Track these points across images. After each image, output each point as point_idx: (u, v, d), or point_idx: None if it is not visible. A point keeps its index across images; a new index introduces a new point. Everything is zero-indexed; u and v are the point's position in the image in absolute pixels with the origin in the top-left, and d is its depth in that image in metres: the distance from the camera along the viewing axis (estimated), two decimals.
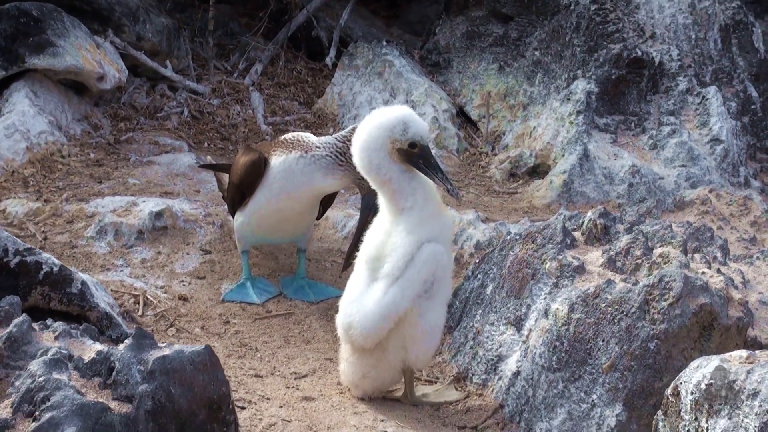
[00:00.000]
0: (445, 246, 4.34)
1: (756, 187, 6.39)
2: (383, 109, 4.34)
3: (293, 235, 5.32)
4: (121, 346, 3.58)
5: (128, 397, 3.47)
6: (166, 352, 3.59)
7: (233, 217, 5.28)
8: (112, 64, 6.81)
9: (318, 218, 5.43)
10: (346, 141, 4.93)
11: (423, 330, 4.32)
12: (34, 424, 3.32)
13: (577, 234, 4.65)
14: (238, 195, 5.18)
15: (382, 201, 4.36)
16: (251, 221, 5.19)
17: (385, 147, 4.25)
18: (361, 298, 4.32)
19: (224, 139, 7.00)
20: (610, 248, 4.46)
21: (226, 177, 5.60)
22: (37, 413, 3.35)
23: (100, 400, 3.43)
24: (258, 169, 5.07)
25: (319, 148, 4.99)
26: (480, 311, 4.73)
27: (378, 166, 4.26)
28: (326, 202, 5.37)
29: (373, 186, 4.33)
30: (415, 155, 4.26)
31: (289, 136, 5.12)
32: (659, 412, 3.78)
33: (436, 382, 4.65)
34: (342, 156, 4.94)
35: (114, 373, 3.50)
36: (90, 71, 6.61)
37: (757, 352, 3.64)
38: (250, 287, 5.23)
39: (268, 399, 4.41)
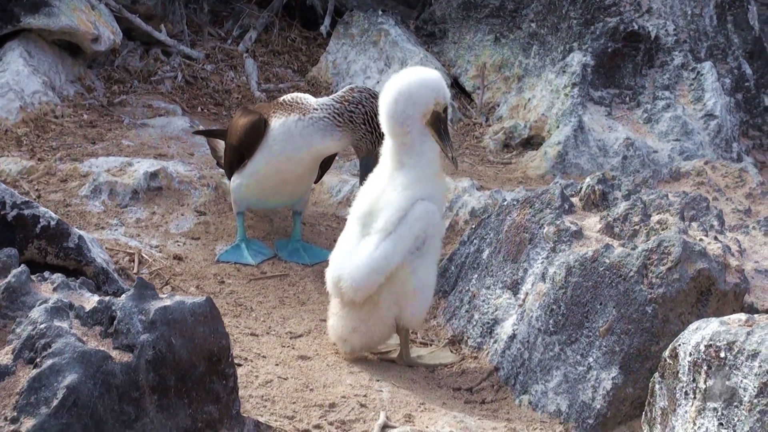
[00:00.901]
0: (438, 207, 4.36)
1: (749, 163, 6.41)
2: (423, 69, 4.42)
3: (291, 198, 5.31)
4: (123, 296, 3.58)
5: (129, 347, 3.47)
6: (168, 302, 3.59)
7: (230, 180, 5.26)
8: (107, 25, 6.79)
9: (316, 182, 5.43)
10: (344, 102, 4.94)
11: (415, 287, 4.35)
12: (35, 371, 3.32)
13: (575, 200, 4.67)
14: (237, 157, 5.18)
15: (385, 153, 4.38)
16: (250, 183, 5.18)
17: (425, 105, 4.30)
18: (352, 252, 4.34)
19: (218, 104, 6.99)
20: (608, 214, 4.48)
21: (219, 143, 5.61)
22: (38, 360, 3.35)
23: (102, 348, 3.43)
24: (258, 131, 5.07)
25: (317, 110, 4.99)
26: (476, 275, 4.74)
27: (407, 119, 4.30)
28: (324, 165, 5.36)
29: (388, 134, 4.35)
30: (442, 120, 4.34)
31: (288, 97, 5.11)
32: (656, 375, 3.80)
33: (431, 345, 4.67)
34: (340, 117, 4.94)
35: (115, 322, 3.50)
36: (85, 32, 6.59)
37: (755, 315, 3.66)
38: (245, 248, 5.23)
39: (264, 357, 4.42)
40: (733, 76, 6.90)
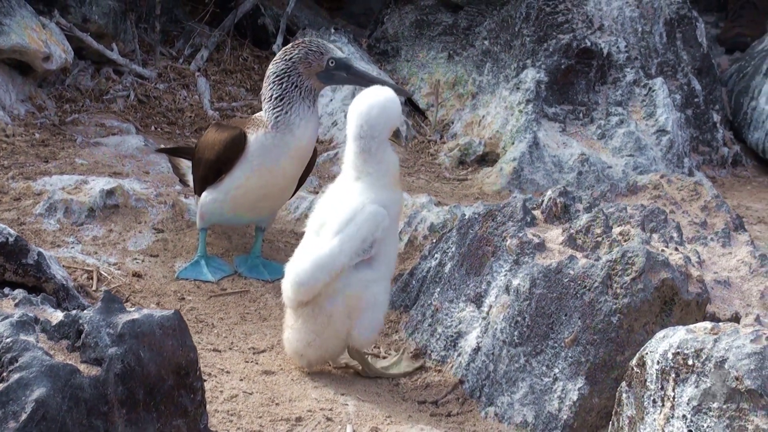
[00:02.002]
0: (391, 215, 4.38)
1: (703, 177, 6.48)
2: (387, 92, 4.45)
3: (268, 213, 5.29)
4: (90, 310, 3.55)
5: (97, 360, 3.44)
6: (136, 315, 3.56)
7: (199, 195, 5.22)
8: (59, 44, 6.74)
9: (290, 196, 5.42)
10: (272, 89, 5.02)
11: (366, 302, 4.36)
12: (2, 385, 3.28)
13: (536, 213, 4.70)
14: (213, 171, 5.13)
15: (346, 160, 4.44)
16: (226, 198, 5.14)
17: (390, 129, 4.42)
18: (301, 254, 4.39)
19: (171, 123, 6.96)
20: (570, 226, 4.51)
21: (182, 161, 5.60)
22: (4, 374, 3.31)
23: (69, 362, 3.40)
24: (239, 145, 5.03)
25: (268, 120, 5.03)
26: (438, 289, 4.75)
27: (374, 138, 4.36)
28: (300, 179, 5.33)
29: (351, 147, 4.39)
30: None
31: (257, 114, 5.13)
32: (623, 384, 3.83)
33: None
34: (280, 106, 5.01)
35: (83, 335, 3.47)
36: (36, 51, 6.54)
37: (720, 323, 3.71)
38: (205, 265, 5.20)
39: (228, 372, 4.40)
40: (683, 93, 6.98)
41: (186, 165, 5.54)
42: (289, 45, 5.06)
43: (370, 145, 4.34)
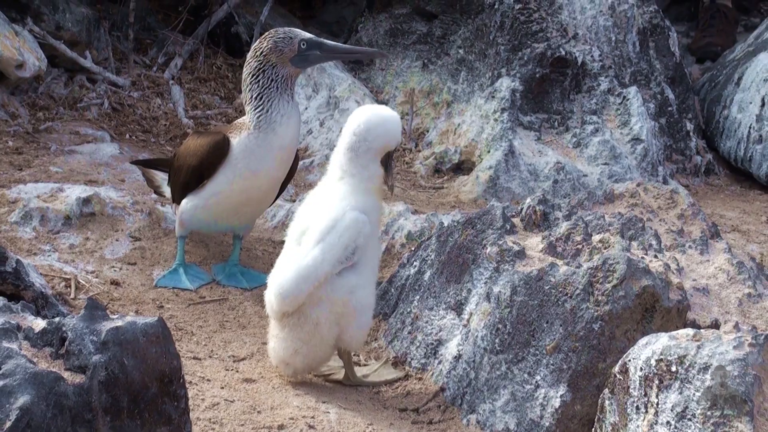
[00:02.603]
0: (371, 221, 4.39)
1: (679, 185, 6.52)
2: (386, 111, 4.49)
3: (249, 219, 5.27)
4: (74, 317, 3.54)
5: (81, 368, 3.43)
6: (119, 323, 3.55)
7: (177, 203, 5.21)
8: (32, 52, 6.71)
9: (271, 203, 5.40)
10: (250, 90, 5.00)
11: (354, 307, 4.36)
12: None
13: (516, 220, 4.71)
14: (195, 177, 5.11)
15: (333, 161, 4.46)
16: (208, 204, 5.13)
17: (385, 143, 4.41)
18: (284, 264, 4.37)
19: (146, 131, 6.94)
20: (549, 234, 4.53)
21: (156, 174, 5.59)
22: None
23: (53, 369, 3.38)
24: (222, 149, 5.02)
25: (250, 121, 5.01)
26: (418, 297, 4.76)
27: (366, 141, 4.39)
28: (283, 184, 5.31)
29: (342, 143, 4.43)
30: (390, 156, 4.47)
31: (238, 120, 5.13)
32: (606, 391, 3.85)
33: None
34: (261, 105, 4.99)
35: (66, 343, 3.46)
36: (9, 58, 6.52)
37: (701, 330, 3.73)
38: (183, 273, 5.19)
39: (208, 380, 4.39)
40: (657, 101, 7.02)
41: (161, 177, 5.54)
42: (256, 42, 5.04)
43: (360, 146, 4.34)
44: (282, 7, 8.46)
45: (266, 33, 5.04)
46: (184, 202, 5.17)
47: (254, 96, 4.98)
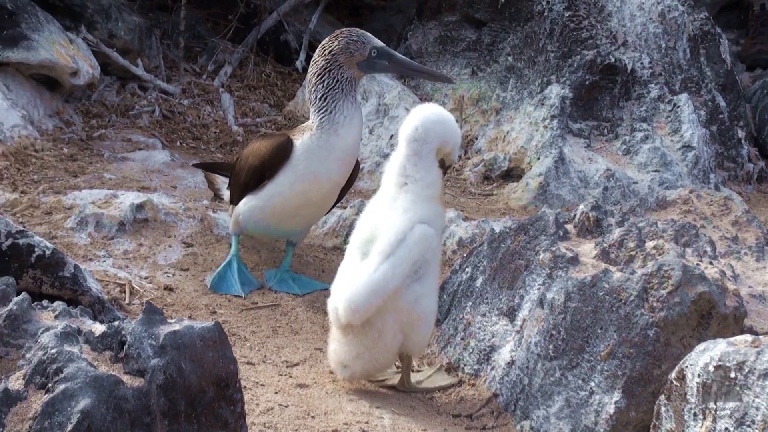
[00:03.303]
0: (436, 230, 4.38)
1: (733, 192, 6.48)
2: (440, 110, 4.49)
3: (305, 225, 5.26)
4: (132, 321, 3.55)
5: (140, 371, 3.44)
6: (177, 327, 3.56)
7: (235, 204, 5.21)
8: (86, 59, 6.76)
9: (331, 207, 5.37)
10: (315, 90, 4.99)
11: (418, 315, 4.36)
12: (47, 396, 3.28)
13: (569, 227, 4.69)
14: (255, 178, 5.10)
15: (391, 166, 4.44)
16: (267, 205, 5.12)
17: (442, 142, 4.41)
18: (351, 275, 4.34)
19: (196, 138, 6.97)
20: (603, 240, 4.50)
21: (218, 177, 5.63)
22: (50, 385, 3.31)
23: (113, 373, 3.40)
24: (286, 150, 5.02)
25: (313, 122, 5.01)
26: (470, 303, 4.74)
27: (426, 143, 4.38)
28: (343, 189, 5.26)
29: (402, 151, 4.42)
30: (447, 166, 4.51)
31: (303, 124, 5.14)
32: (662, 397, 3.81)
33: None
34: (324, 106, 4.98)
35: (125, 347, 3.47)
36: (64, 66, 6.56)
37: (761, 336, 3.69)
38: (237, 272, 5.16)
39: (262, 385, 4.40)
40: (708, 109, 6.97)
41: (221, 180, 5.55)
42: (326, 40, 5.04)
43: (422, 149, 4.34)
44: (330, 15, 8.47)
45: (338, 32, 5.04)
46: (242, 202, 5.17)
47: (318, 96, 4.97)
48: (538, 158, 6.48)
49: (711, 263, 4.44)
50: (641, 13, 7.05)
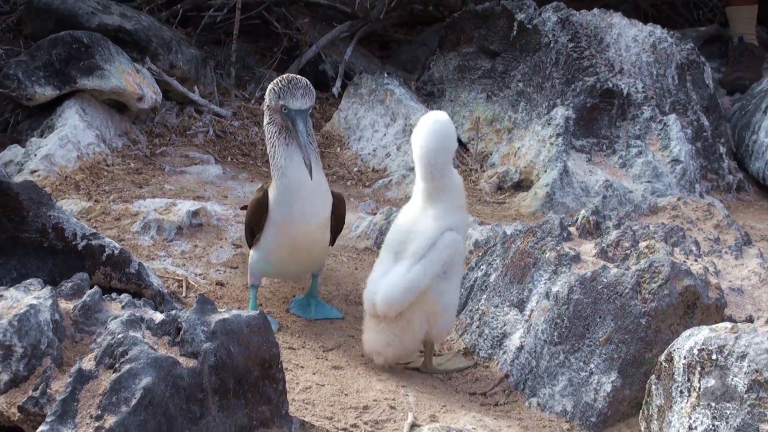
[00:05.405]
0: (461, 236, 4.37)
1: (715, 200, 6.45)
2: (440, 118, 4.41)
3: (311, 265, 4.85)
4: (187, 311, 3.57)
5: (194, 354, 3.45)
6: (226, 315, 3.58)
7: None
8: (150, 87, 6.78)
9: (331, 244, 4.92)
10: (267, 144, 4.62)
11: (442, 308, 4.36)
12: (115, 375, 3.30)
13: (572, 229, 4.67)
14: (249, 233, 4.78)
15: (417, 193, 4.42)
16: (267, 257, 4.73)
17: (450, 153, 4.40)
18: (387, 274, 4.34)
19: (245, 155, 6.98)
20: (602, 241, 4.48)
21: None
22: (117, 365, 3.33)
23: (171, 355, 3.41)
24: (262, 206, 4.65)
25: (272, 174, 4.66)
26: (485, 296, 4.73)
27: (436, 166, 4.34)
28: (334, 227, 4.85)
29: (419, 179, 4.39)
30: None
31: None
32: (653, 377, 3.80)
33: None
34: (272, 158, 4.60)
35: (181, 332, 3.49)
36: (131, 92, 6.58)
37: (738, 324, 3.67)
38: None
39: (302, 367, 4.39)
40: (693, 128, 6.93)
41: None
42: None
43: (435, 176, 4.32)
44: (363, 48, 8.48)
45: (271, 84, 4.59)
46: (251, 254, 4.81)
47: (268, 149, 4.64)
48: (545, 171, 6.45)
49: (696, 260, 4.42)
50: (635, 44, 7.02)
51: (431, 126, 4.35)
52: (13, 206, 4.38)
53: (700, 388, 3.54)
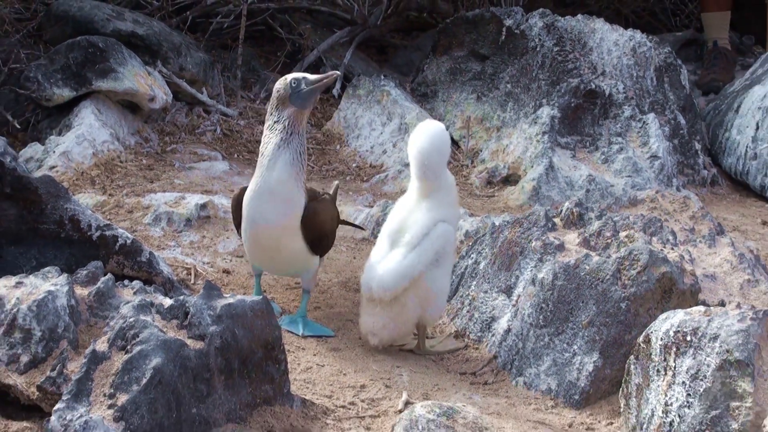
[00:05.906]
0: (453, 227, 4.38)
1: (691, 193, 6.45)
2: (435, 128, 4.40)
3: (289, 268, 4.57)
4: (195, 296, 3.56)
5: (201, 336, 3.45)
6: (231, 300, 3.58)
7: None
8: (160, 88, 6.77)
9: (321, 255, 4.63)
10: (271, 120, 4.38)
11: (435, 293, 4.36)
12: (126, 356, 3.30)
13: (556, 220, 4.67)
14: (236, 226, 4.64)
15: (412, 189, 4.44)
16: (246, 251, 4.56)
17: (444, 158, 4.40)
18: (383, 260, 4.35)
19: (250, 152, 6.96)
20: (584, 231, 4.48)
21: None
22: (128, 347, 3.33)
23: (179, 337, 3.41)
24: (238, 203, 4.51)
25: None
26: (474, 282, 4.73)
27: (432, 170, 4.35)
28: (311, 237, 4.46)
29: (417, 179, 4.38)
30: None
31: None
32: (631, 357, 3.80)
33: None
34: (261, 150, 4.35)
35: (189, 316, 3.49)
36: (143, 93, 6.57)
37: (711, 307, 3.68)
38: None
39: (303, 349, 4.39)
40: (671, 126, 6.92)
41: None
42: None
43: (429, 177, 4.34)
44: (362, 52, 8.46)
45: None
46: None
47: (259, 153, 4.38)
48: (532, 166, 6.45)
49: (672, 249, 4.42)
50: (616, 48, 7.02)
51: (428, 132, 4.37)
52: (32, 199, 4.38)
53: (675, 368, 3.54)
